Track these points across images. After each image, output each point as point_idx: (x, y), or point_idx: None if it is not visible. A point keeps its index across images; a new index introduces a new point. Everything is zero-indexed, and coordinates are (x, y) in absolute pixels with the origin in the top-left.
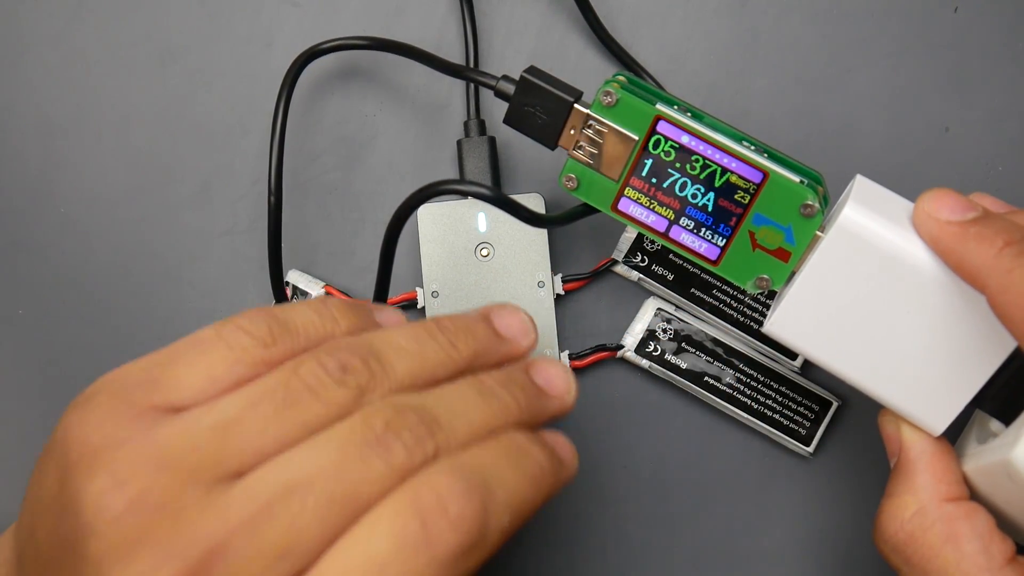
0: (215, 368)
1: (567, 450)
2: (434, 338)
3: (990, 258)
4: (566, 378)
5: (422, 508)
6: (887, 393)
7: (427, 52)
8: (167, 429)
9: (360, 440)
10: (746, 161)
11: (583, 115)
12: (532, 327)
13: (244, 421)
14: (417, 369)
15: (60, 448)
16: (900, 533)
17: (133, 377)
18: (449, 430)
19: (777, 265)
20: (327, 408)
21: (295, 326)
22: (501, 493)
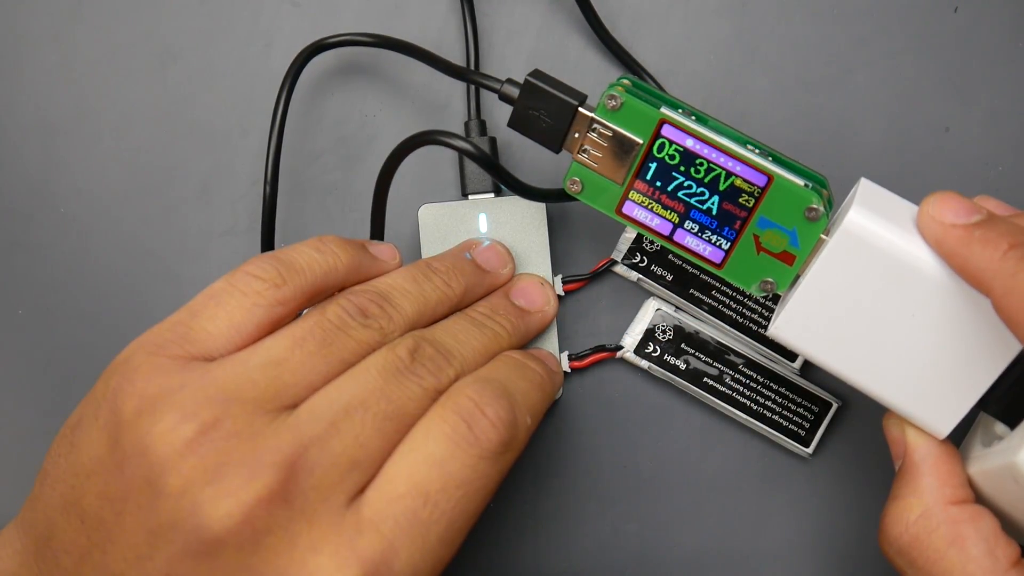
0: (235, 315)
1: (552, 361)
2: (430, 279)
3: (995, 261)
4: (543, 292)
5: (464, 413)
6: (892, 396)
7: (431, 53)
8: (220, 370)
9: (394, 368)
10: (750, 164)
11: (587, 119)
12: (509, 256)
13: (291, 359)
14: (421, 307)
15: (108, 408)
16: (905, 536)
17: (163, 336)
18: (460, 356)
19: (782, 268)
20: (358, 345)
21: (300, 265)
22: (520, 397)
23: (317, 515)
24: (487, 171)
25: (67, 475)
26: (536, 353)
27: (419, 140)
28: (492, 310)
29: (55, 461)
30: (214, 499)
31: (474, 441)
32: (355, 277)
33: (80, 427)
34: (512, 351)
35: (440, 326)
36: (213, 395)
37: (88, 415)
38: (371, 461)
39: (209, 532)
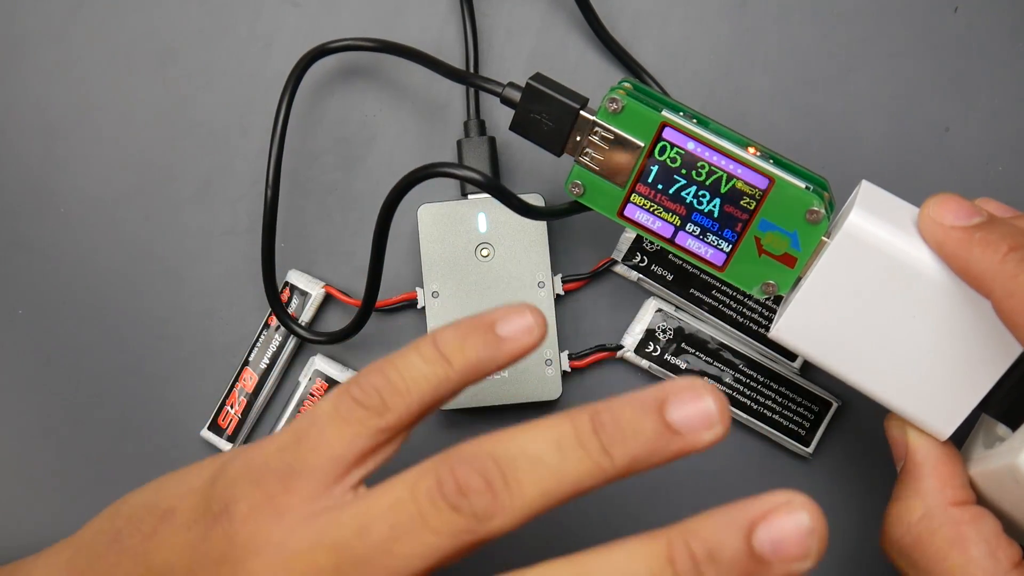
0: (335, 448)
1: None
2: (584, 445)
3: (995, 263)
4: (805, 540)
5: None
6: (893, 398)
7: (433, 57)
8: (294, 543)
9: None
10: (752, 167)
11: (589, 122)
12: (719, 416)
13: (356, 547)
14: (552, 489)
15: (201, 530)
16: (907, 537)
17: (268, 464)
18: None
19: (783, 271)
20: (438, 538)
21: (405, 385)
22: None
23: None
24: (494, 196)
25: (139, 561)
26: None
27: (421, 174)
28: (709, 558)
29: (132, 534)
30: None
31: None
32: (480, 376)
33: (169, 523)
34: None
35: (590, 569)
36: (282, 572)
37: (184, 515)
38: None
39: None
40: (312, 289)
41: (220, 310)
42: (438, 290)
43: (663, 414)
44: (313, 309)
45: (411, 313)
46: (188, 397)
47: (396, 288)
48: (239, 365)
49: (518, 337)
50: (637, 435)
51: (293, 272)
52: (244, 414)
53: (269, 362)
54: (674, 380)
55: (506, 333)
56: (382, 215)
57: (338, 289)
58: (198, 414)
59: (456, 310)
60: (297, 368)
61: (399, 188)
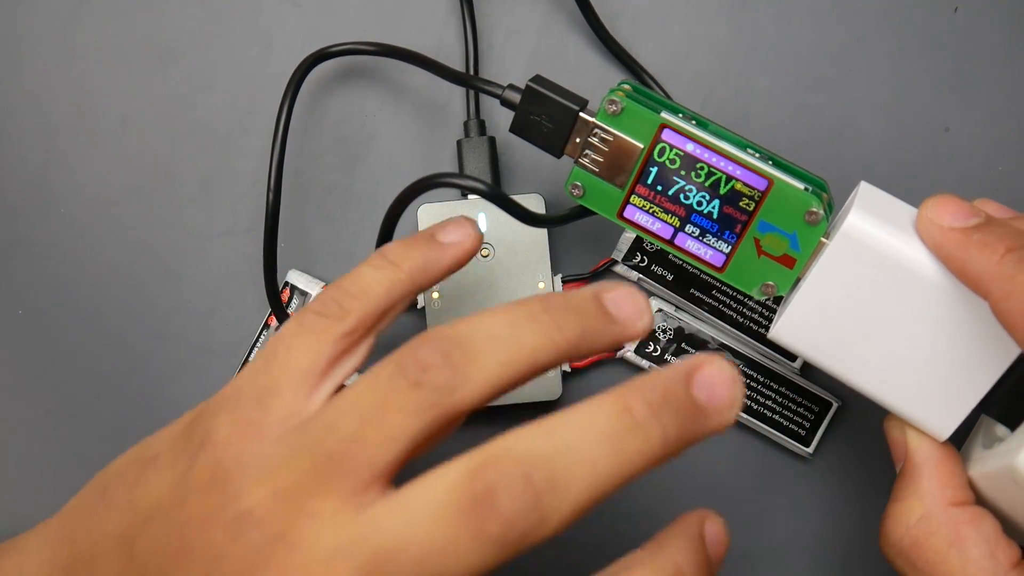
0: (303, 360)
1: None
2: (535, 319)
3: (992, 264)
4: (732, 388)
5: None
6: (892, 398)
7: (433, 60)
8: (275, 451)
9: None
10: (751, 168)
11: (589, 124)
12: (647, 308)
13: (328, 444)
14: (510, 360)
15: (184, 466)
16: (906, 538)
17: (242, 393)
18: (561, 485)
19: (783, 272)
20: (405, 417)
21: (358, 289)
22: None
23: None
24: (497, 205)
25: (126, 508)
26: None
27: (424, 185)
28: (662, 402)
29: (117, 486)
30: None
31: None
32: (429, 278)
33: (155, 465)
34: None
35: (552, 431)
36: (267, 483)
37: (167, 455)
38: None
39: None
40: (312, 289)
41: (220, 310)
42: (438, 290)
43: (600, 301)
44: None
45: (411, 313)
46: (188, 397)
47: None
48: (239, 365)
49: (458, 242)
50: (583, 311)
51: (293, 272)
52: None
53: None
54: (612, 282)
55: (447, 240)
56: (385, 226)
57: None
58: None
59: (456, 310)
60: None
61: (401, 199)
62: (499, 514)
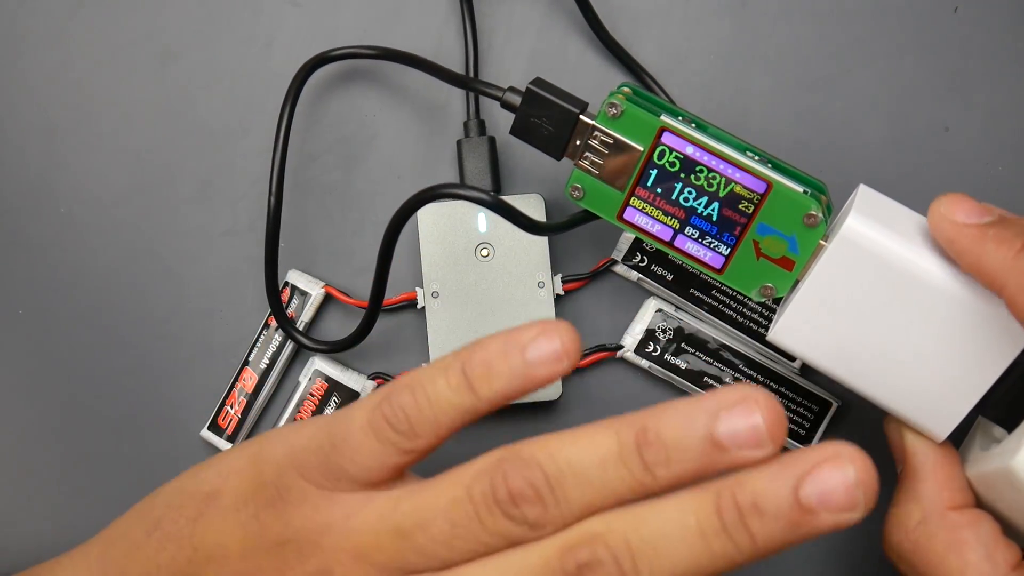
0: (370, 460)
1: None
2: (625, 464)
3: (1008, 259)
4: (850, 493)
5: None
6: (890, 400)
7: (434, 63)
8: (355, 524)
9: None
10: (750, 172)
11: (589, 126)
12: (769, 434)
13: (418, 538)
14: (596, 502)
15: (252, 514)
16: (906, 542)
17: (309, 459)
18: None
19: (781, 274)
20: (495, 539)
21: (432, 414)
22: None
23: None
24: (499, 214)
25: (185, 544)
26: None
27: (427, 196)
28: (754, 509)
29: (176, 521)
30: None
31: None
32: (506, 403)
33: (217, 504)
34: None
35: (648, 517)
36: (348, 548)
37: (230, 497)
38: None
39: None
40: (312, 289)
41: (220, 310)
42: (438, 290)
43: (712, 427)
44: (313, 309)
45: (411, 313)
46: (188, 397)
47: (396, 287)
48: (239, 365)
49: (547, 365)
50: (687, 452)
51: (293, 272)
52: (244, 414)
53: (269, 362)
54: (727, 390)
55: (534, 358)
56: (386, 240)
57: (338, 289)
58: (198, 414)
59: (456, 310)
60: (297, 368)
61: (404, 211)
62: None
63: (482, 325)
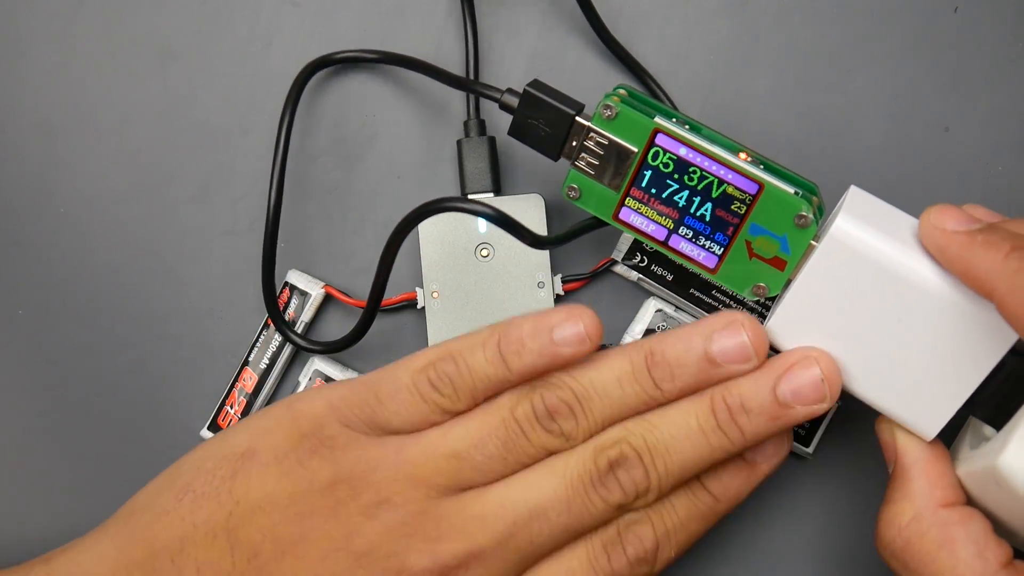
0: (413, 416)
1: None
2: (639, 381)
3: (998, 262)
4: (819, 389)
5: (613, 552)
6: (881, 399)
7: (434, 66)
8: (409, 454)
9: (585, 481)
10: (742, 173)
11: (584, 128)
12: (754, 350)
13: (474, 456)
14: (616, 414)
15: (297, 461)
16: (898, 539)
17: (352, 411)
18: (665, 473)
19: (773, 273)
20: (538, 451)
21: (471, 382)
22: (682, 538)
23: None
24: (504, 229)
25: (226, 499)
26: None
27: (432, 209)
28: (743, 407)
29: (210, 482)
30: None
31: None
32: (536, 376)
33: (255, 460)
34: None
35: (658, 422)
36: (403, 478)
37: (268, 453)
38: (533, 561)
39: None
40: (312, 289)
41: (220, 310)
42: (438, 290)
43: (707, 347)
44: (313, 309)
45: (411, 313)
46: (188, 397)
47: (396, 288)
48: (239, 365)
49: (572, 345)
50: (687, 367)
51: (293, 272)
52: (244, 414)
53: (269, 362)
54: (717, 315)
55: (561, 339)
56: (387, 249)
57: (338, 289)
58: (198, 414)
59: (456, 310)
60: (297, 368)
61: (406, 223)
62: (620, 483)
63: (482, 325)
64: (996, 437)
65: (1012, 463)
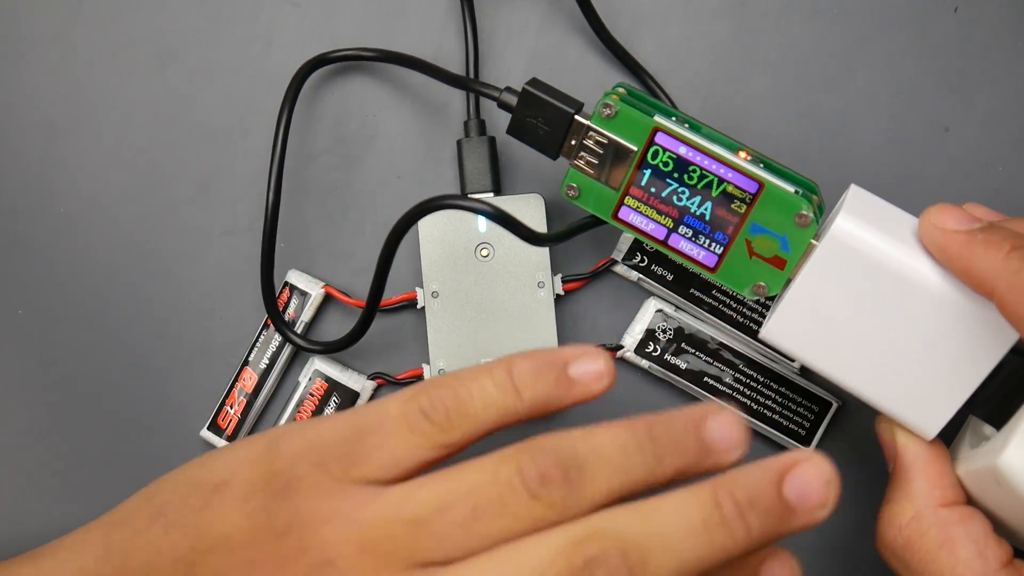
0: (397, 452)
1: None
2: (642, 451)
3: (998, 262)
4: (826, 491)
5: None
6: (881, 398)
7: (432, 64)
8: (366, 513)
9: (558, 572)
10: (742, 172)
11: (583, 126)
12: (744, 440)
13: (435, 523)
14: (617, 487)
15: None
16: (898, 539)
17: (330, 451)
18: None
19: (773, 273)
20: (517, 523)
21: (474, 409)
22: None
23: None
24: (503, 226)
25: (190, 532)
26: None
27: (431, 206)
28: (749, 503)
29: (181, 509)
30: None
31: None
32: (546, 412)
33: (224, 495)
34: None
35: (649, 516)
36: (353, 540)
37: (238, 489)
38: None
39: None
40: (312, 289)
41: (220, 310)
42: (438, 290)
43: (701, 430)
44: (313, 309)
45: (411, 313)
46: (188, 397)
47: (396, 287)
48: (239, 365)
49: (588, 382)
50: (684, 448)
51: (293, 272)
52: (244, 414)
53: (269, 362)
54: (702, 405)
55: (577, 375)
56: (386, 246)
57: (338, 289)
58: (198, 414)
59: (456, 310)
60: (297, 368)
61: (405, 220)
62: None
63: (482, 325)
64: (996, 436)
65: (1012, 462)
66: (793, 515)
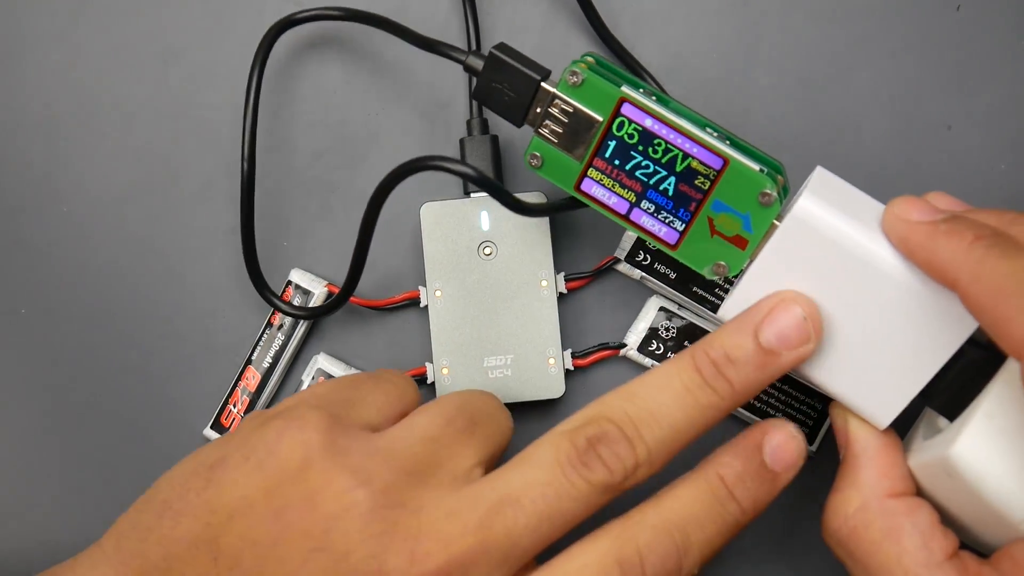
0: (383, 404)
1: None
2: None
3: (960, 252)
4: (801, 325)
5: (627, 566)
6: (834, 385)
7: (399, 24)
8: (384, 440)
9: (563, 459)
10: (707, 147)
11: (549, 94)
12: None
13: (443, 438)
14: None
15: (266, 451)
16: (843, 528)
17: (327, 397)
18: (653, 441)
19: (734, 252)
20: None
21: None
22: (698, 550)
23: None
24: (486, 191)
25: (202, 511)
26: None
27: (415, 166)
28: (728, 358)
29: (183, 495)
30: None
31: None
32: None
33: (225, 466)
34: (728, 474)
35: (638, 391)
36: (380, 463)
37: (236, 455)
38: (519, 559)
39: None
40: (315, 288)
41: (223, 309)
42: (441, 289)
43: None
44: None
45: (414, 312)
46: (191, 396)
47: (399, 287)
48: (242, 364)
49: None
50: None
51: (296, 271)
52: (247, 412)
53: (272, 361)
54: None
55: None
56: (371, 208)
57: (340, 288)
58: (201, 413)
59: (459, 309)
60: (300, 367)
61: (391, 177)
62: (603, 461)
63: (485, 324)
64: (949, 428)
65: (963, 454)
66: (776, 357)
